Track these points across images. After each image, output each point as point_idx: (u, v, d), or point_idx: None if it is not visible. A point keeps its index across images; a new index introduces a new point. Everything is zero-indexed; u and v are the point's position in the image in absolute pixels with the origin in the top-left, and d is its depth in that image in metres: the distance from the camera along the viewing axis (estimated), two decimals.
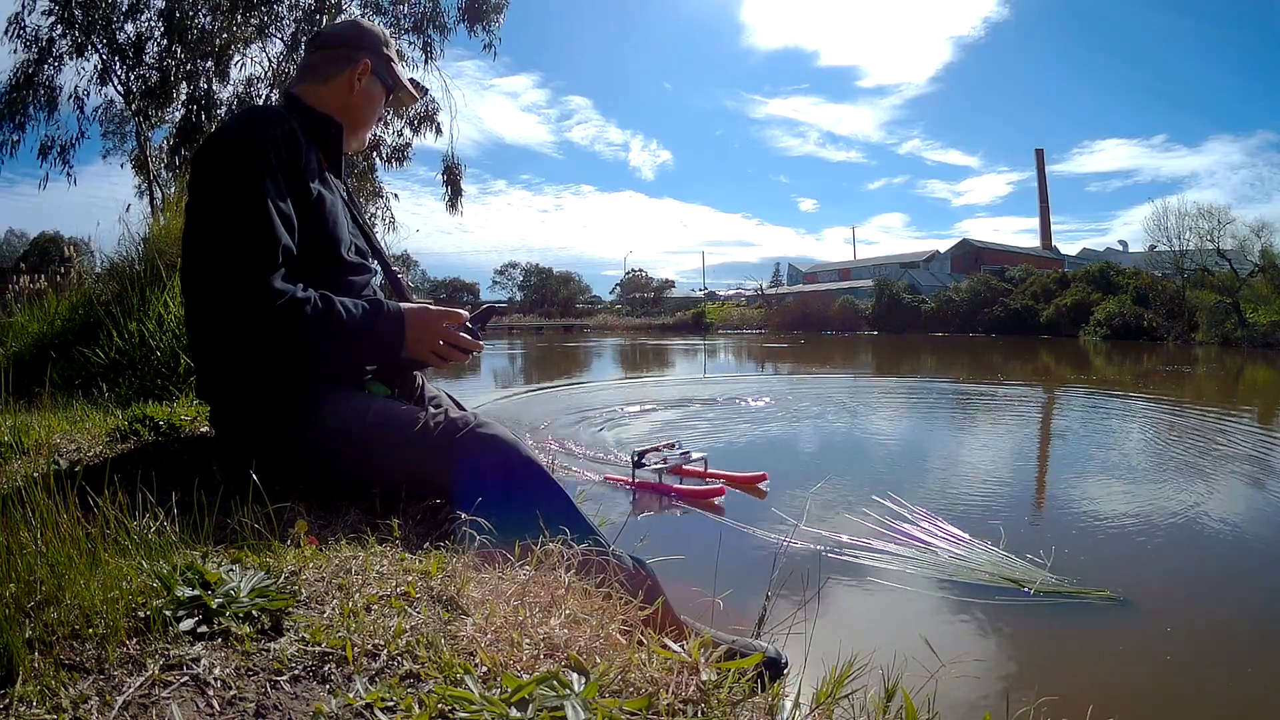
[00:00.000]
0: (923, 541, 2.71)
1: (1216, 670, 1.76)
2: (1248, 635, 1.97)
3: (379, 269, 1.40)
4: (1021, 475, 3.99)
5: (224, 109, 9.60)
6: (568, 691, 0.61)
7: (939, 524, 2.87)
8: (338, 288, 1.19)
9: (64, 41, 9.13)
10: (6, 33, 9.00)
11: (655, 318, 42.99)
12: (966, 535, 2.75)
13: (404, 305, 1.20)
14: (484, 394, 7.95)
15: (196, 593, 0.68)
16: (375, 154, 10.78)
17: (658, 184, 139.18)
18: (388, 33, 1.42)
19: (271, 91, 9.71)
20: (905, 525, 2.89)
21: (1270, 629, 2.02)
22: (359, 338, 1.13)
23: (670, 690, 0.68)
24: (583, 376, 11.87)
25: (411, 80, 1.48)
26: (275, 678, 0.61)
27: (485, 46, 10.11)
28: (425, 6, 10.08)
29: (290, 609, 0.70)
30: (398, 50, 1.41)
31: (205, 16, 9.31)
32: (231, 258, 1.07)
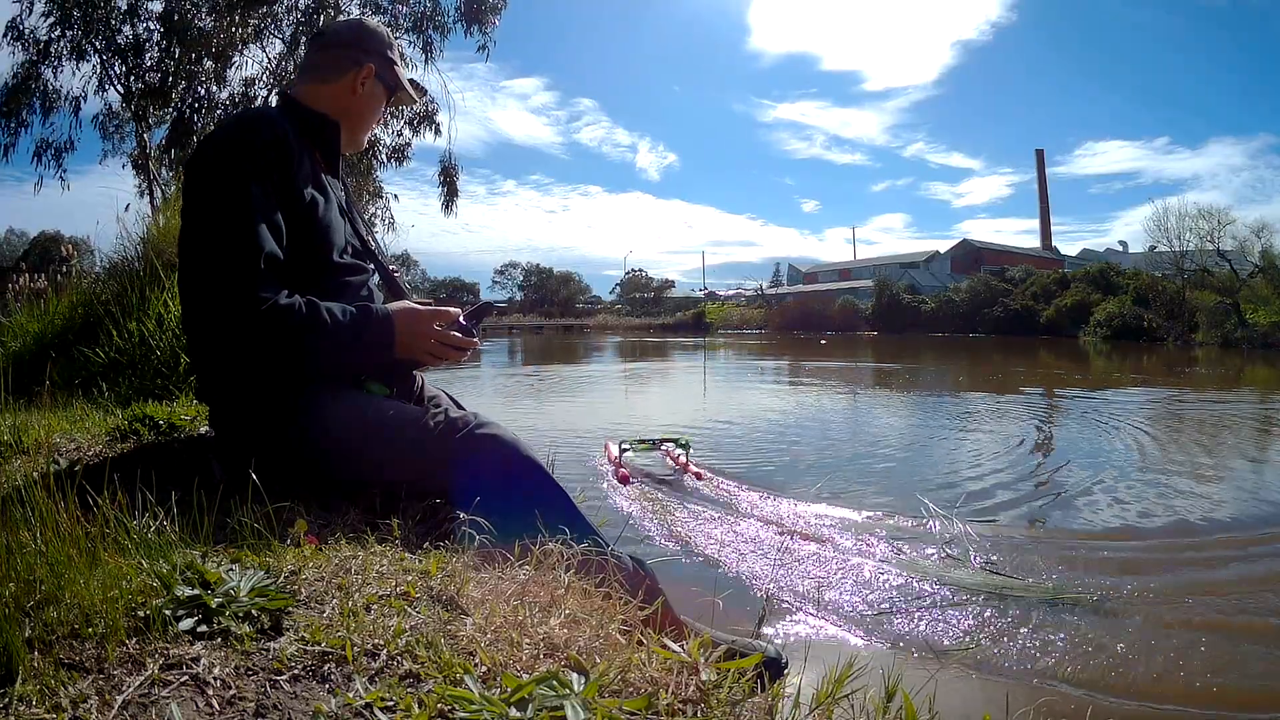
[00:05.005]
0: (921, 543, 2.71)
1: (1218, 670, 1.75)
2: (1249, 635, 1.97)
3: (376, 269, 1.39)
4: (1020, 473, 3.99)
5: (221, 109, 9.60)
6: (567, 691, 0.61)
7: (937, 525, 2.87)
8: (332, 291, 1.19)
9: (62, 43, 9.13)
10: (6, 35, 9.00)
11: (655, 318, 43.03)
12: (963, 537, 2.75)
13: (392, 307, 1.20)
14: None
15: (196, 592, 0.68)
16: (373, 156, 10.77)
17: (664, 185, 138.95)
18: (390, 33, 1.41)
19: (270, 92, 9.71)
20: (902, 526, 2.90)
21: (1273, 628, 2.02)
22: (347, 342, 1.13)
23: (670, 690, 0.68)
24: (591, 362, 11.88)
25: (411, 81, 1.48)
26: (275, 677, 0.61)
27: (480, 48, 10.09)
28: (425, 6, 10.08)
29: (290, 608, 0.71)
30: (400, 51, 1.40)
31: (207, 20, 9.31)
32: (215, 265, 1.08)
